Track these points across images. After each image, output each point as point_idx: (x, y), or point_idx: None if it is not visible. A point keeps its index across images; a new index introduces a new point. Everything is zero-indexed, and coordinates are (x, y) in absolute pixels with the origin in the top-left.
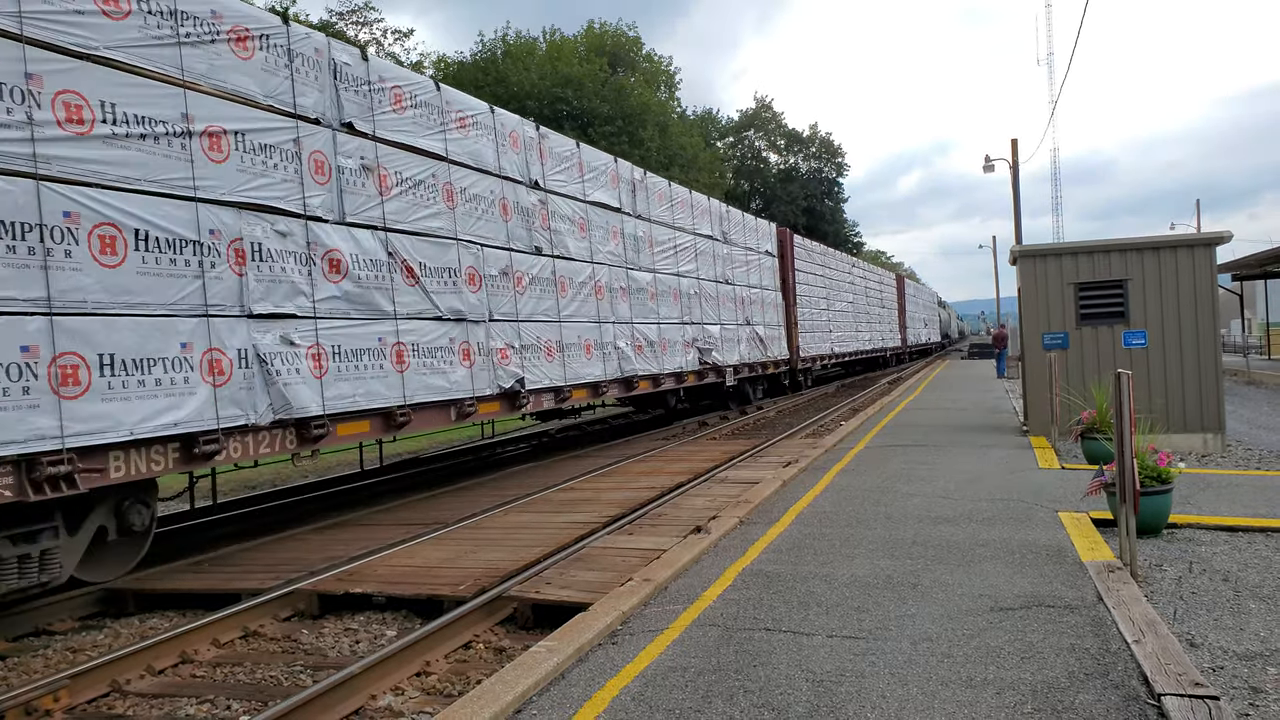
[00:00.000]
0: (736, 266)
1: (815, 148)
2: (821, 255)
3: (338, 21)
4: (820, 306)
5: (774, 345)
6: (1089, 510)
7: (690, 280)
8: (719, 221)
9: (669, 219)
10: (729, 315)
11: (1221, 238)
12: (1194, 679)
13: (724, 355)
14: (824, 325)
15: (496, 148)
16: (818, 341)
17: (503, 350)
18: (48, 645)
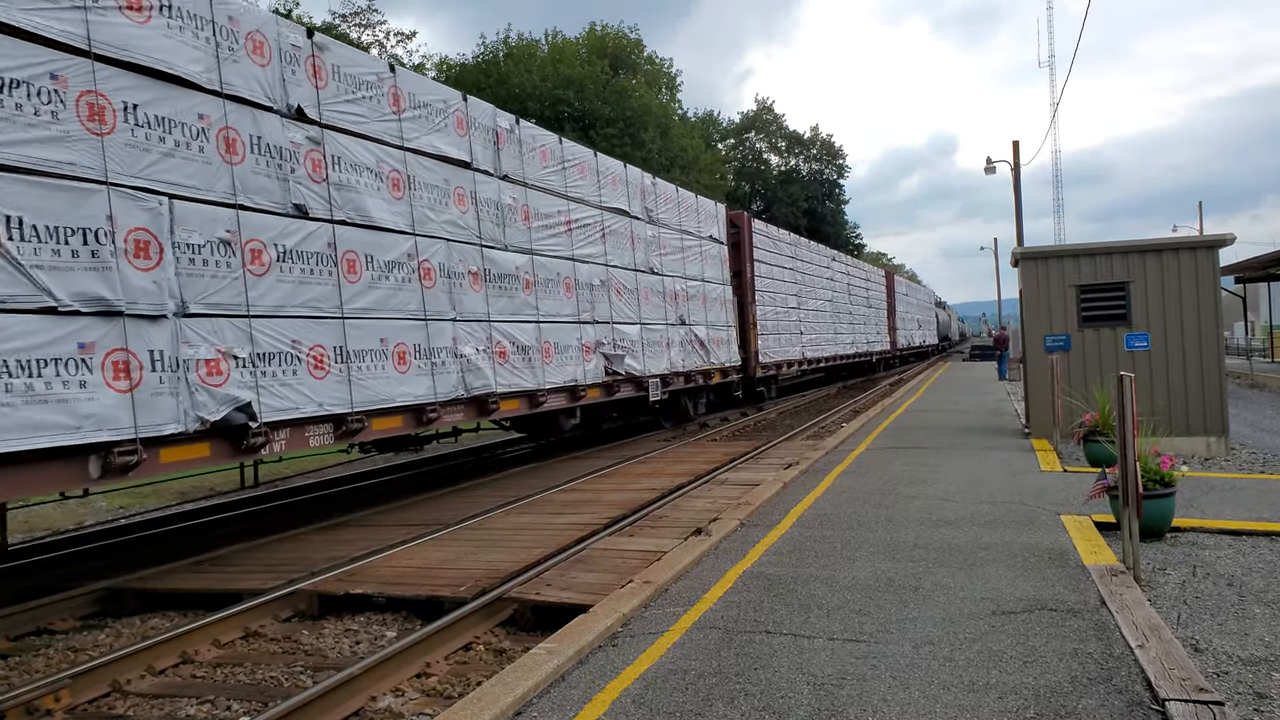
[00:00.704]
0: (668, 254)
1: (816, 149)
2: (791, 246)
3: (340, 24)
4: (788, 304)
5: (720, 350)
6: (1091, 513)
7: (594, 267)
8: (641, 196)
9: (559, 185)
10: (654, 313)
11: (1224, 240)
12: (1198, 684)
13: (645, 363)
14: (792, 326)
15: (215, 51)
16: (784, 345)
17: (212, 362)
18: (49, 644)
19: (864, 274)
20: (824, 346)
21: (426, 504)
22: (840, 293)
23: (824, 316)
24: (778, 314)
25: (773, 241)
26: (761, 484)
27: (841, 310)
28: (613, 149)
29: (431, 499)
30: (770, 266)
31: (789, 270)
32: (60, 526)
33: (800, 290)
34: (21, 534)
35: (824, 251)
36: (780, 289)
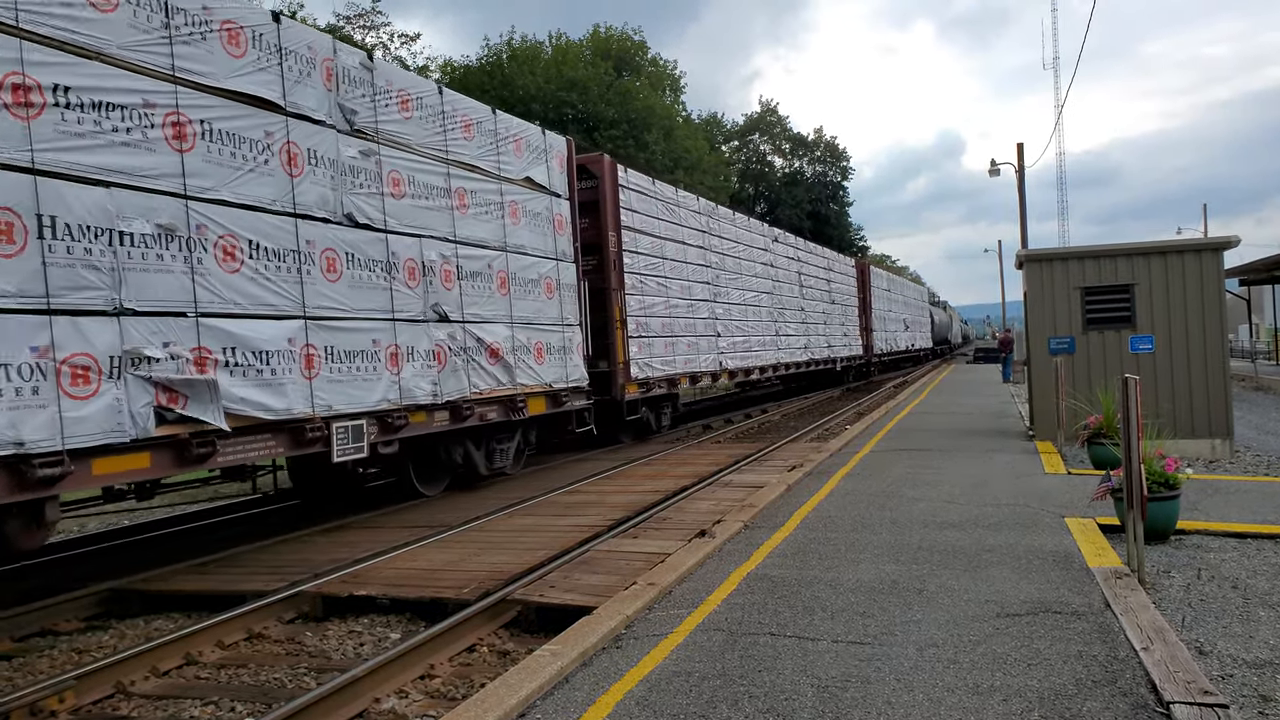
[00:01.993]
0: (411, 198)
1: (820, 151)
2: (698, 215)
3: (345, 25)
4: (692, 295)
5: (546, 363)
6: (1096, 516)
7: (151, 198)
8: (332, 80)
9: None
10: (353, 298)
11: (1229, 242)
12: (1203, 687)
13: (307, 395)
14: (701, 326)
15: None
16: (684, 353)
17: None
18: (53, 646)
19: (823, 262)
20: (759, 353)
21: (430, 506)
22: (788, 283)
23: (758, 314)
24: (671, 308)
25: (661, 205)
26: (766, 486)
27: (789, 306)
28: (617, 150)
29: (435, 501)
30: (656, 240)
31: (694, 248)
32: (65, 528)
33: (717, 277)
34: None
35: (758, 228)
36: (676, 273)
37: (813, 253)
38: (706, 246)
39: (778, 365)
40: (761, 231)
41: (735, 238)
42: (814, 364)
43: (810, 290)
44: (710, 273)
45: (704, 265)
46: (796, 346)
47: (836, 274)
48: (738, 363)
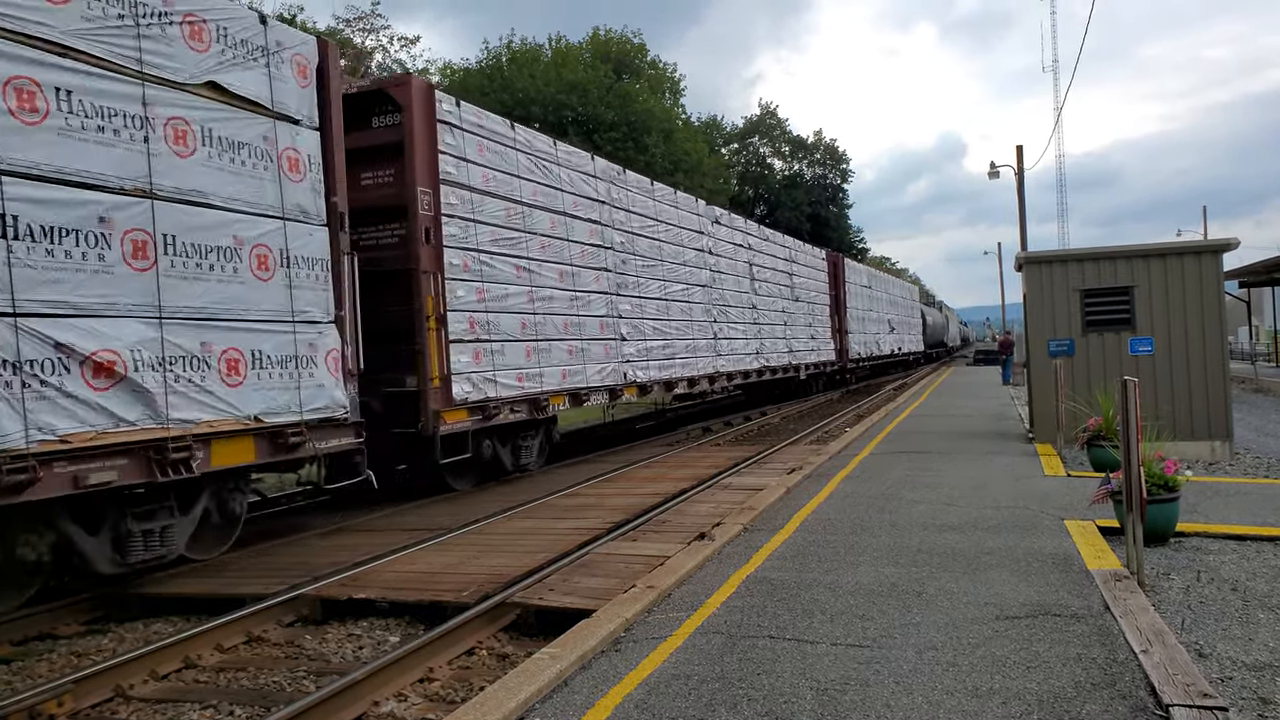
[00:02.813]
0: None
1: (820, 154)
2: (593, 178)
3: (344, 28)
4: (585, 285)
5: (252, 381)
6: (1095, 518)
7: None
8: None
9: None
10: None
11: (1228, 244)
12: (1202, 690)
13: None
14: (597, 326)
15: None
16: (567, 361)
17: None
18: (52, 649)
19: (783, 252)
20: (690, 361)
21: (428, 509)
22: (733, 275)
23: (688, 312)
24: (539, 302)
25: (528, 160)
26: (765, 489)
27: (735, 304)
28: (616, 153)
29: (433, 504)
30: (514, 206)
31: (584, 223)
32: None
33: (623, 263)
34: None
35: (689, 205)
36: (552, 254)
37: (769, 240)
38: (606, 222)
39: (716, 375)
40: (695, 209)
41: (654, 214)
42: (769, 372)
43: (765, 285)
44: (611, 256)
45: (600, 246)
46: (745, 353)
47: (802, 266)
48: (653, 373)
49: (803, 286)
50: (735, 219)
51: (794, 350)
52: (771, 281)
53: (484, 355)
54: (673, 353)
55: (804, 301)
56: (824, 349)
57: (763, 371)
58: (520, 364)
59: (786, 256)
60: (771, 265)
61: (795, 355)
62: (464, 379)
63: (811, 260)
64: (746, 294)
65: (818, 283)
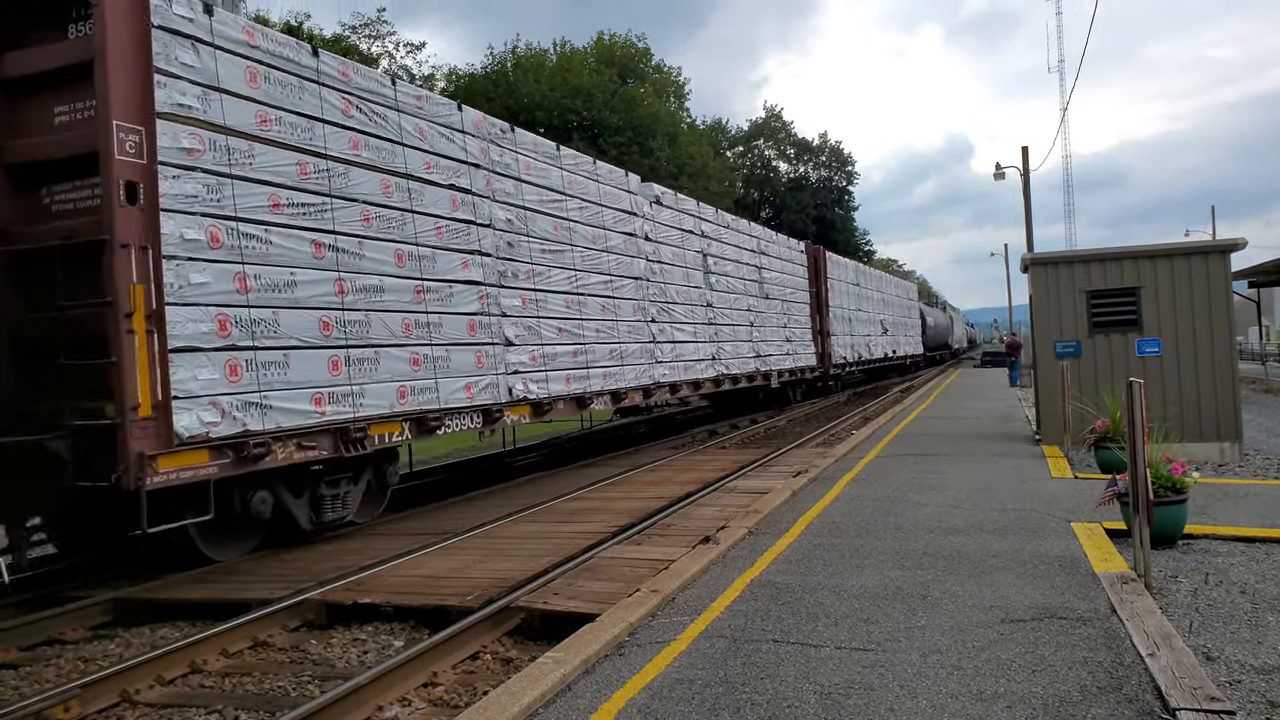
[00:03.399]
0: None
1: (825, 156)
2: (457, 133)
3: (350, 35)
4: (446, 271)
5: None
6: (1102, 520)
7: None
8: None
9: None
10: None
11: (1235, 244)
12: (1209, 693)
13: None
14: (466, 327)
15: None
16: (411, 374)
17: None
18: (60, 654)
19: (749, 242)
20: (615, 371)
21: (435, 513)
22: (679, 267)
23: (615, 309)
24: (357, 293)
25: (341, 100)
26: (770, 492)
27: (682, 300)
28: (621, 157)
29: (440, 508)
30: (308, 160)
31: (440, 188)
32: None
33: (509, 246)
34: None
35: (616, 179)
36: (383, 229)
37: (731, 228)
38: (481, 192)
39: (654, 386)
40: (623, 184)
41: (563, 187)
42: (729, 381)
43: (726, 280)
44: (491, 237)
45: (471, 223)
46: (697, 359)
47: (774, 260)
48: (555, 387)
49: (775, 282)
50: (684, 200)
51: (764, 355)
52: (734, 276)
53: (245, 370)
54: (588, 360)
55: (777, 299)
56: (802, 353)
57: (721, 380)
58: (320, 380)
59: (755, 248)
60: (734, 257)
61: (766, 361)
62: (201, 405)
63: (787, 253)
64: (699, 289)
65: (794, 278)
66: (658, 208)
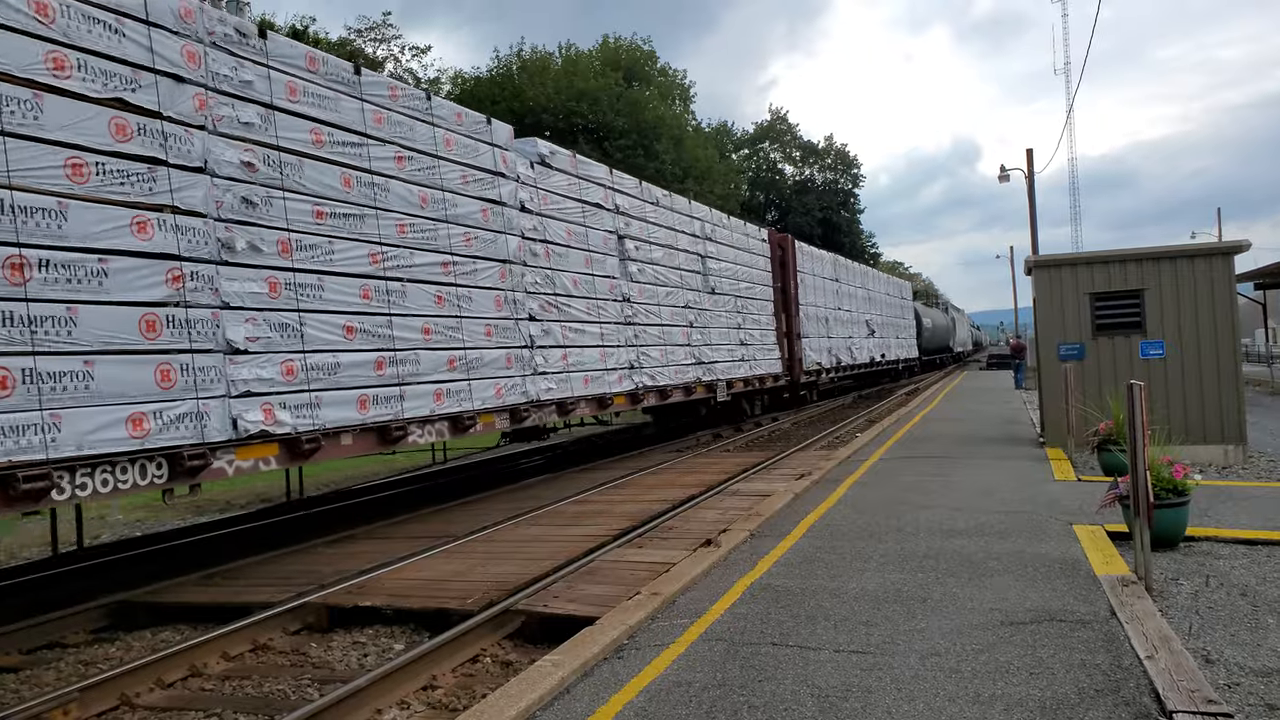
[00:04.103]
0: None
1: (831, 159)
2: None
3: (356, 38)
4: (150, 243)
5: None
6: (1104, 523)
7: None
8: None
9: None
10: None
11: (1239, 246)
12: (1207, 696)
13: None
14: (107, 318)
15: None
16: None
17: None
18: (60, 658)
19: (688, 222)
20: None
21: (437, 516)
22: (580, 250)
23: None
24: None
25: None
26: (773, 495)
27: (568, 291)
28: (627, 160)
29: (442, 511)
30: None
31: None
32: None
33: (249, 203)
34: (36, 548)
35: (461, 122)
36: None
37: (659, 205)
38: (186, 117)
39: (530, 406)
40: (488, 135)
41: (360, 124)
42: (655, 394)
43: (653, 270)
44: (198, 188)
45: (158, 161)
46: (602, 368)
47: (723, 247)
48: (332, 414)
49: (727, 274)
50: (589, 165)
51: (708, 362)
52: (666, 265)
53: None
54: (405, 374)
55: (729, 295)
56: (763, 359)
57: (642, 394)
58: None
59: (697, 232)
60: (666, 242)
61: (711, 369)
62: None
63: (743, 240)
64: (612, 280)
65: (753, 270)
66: (544, 170)
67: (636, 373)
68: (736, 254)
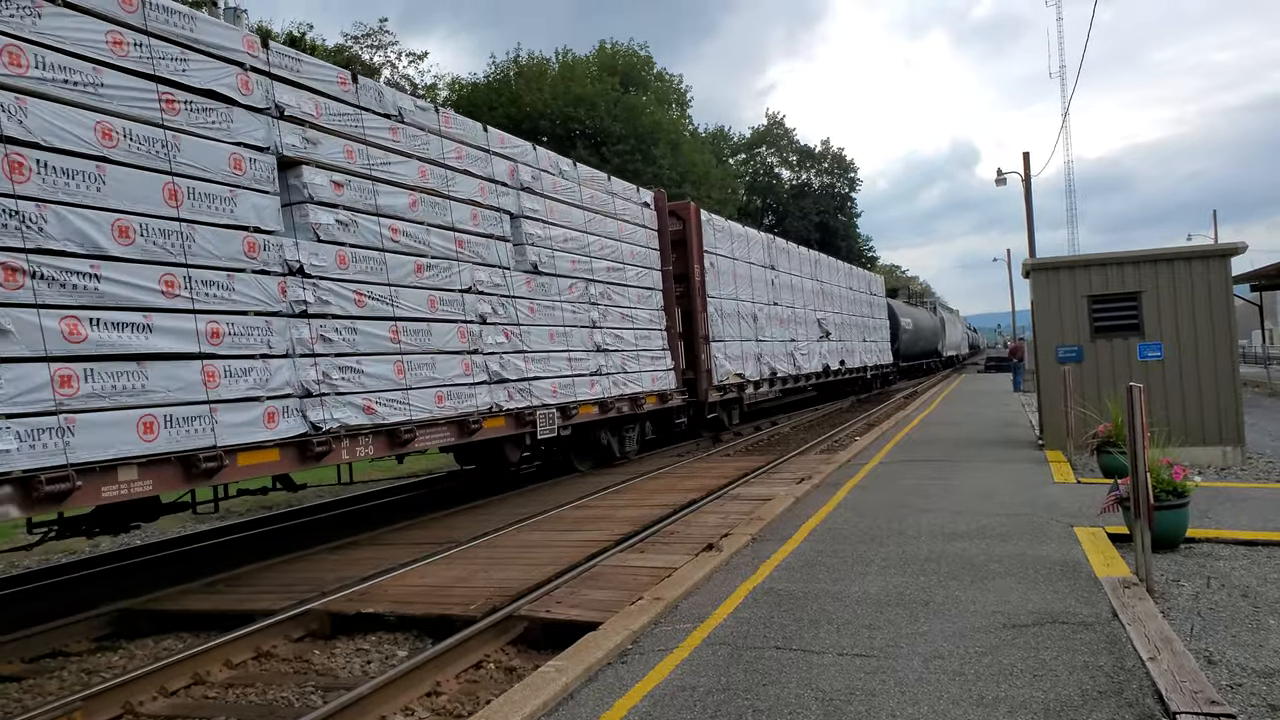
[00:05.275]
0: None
1: (827, 163)
2: None
3: (352, 45)
4: None
5: None
6: (1105, 525)
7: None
8: None
9: None
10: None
11: (1235, 249)
12: (1210, 697)
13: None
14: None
15: None
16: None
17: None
18: (63, 667)
19: (477, 158)
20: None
21: (438, 522)
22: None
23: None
24: None
25: None
26: (774, 499)
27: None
28: (624, 165)
29: (443, 517)
30: None
31: None
32: (77, 549)
33: None
34: (38, 556)
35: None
36: None
37: (398, 119)
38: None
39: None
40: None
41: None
42: (367, 442)
43: (375, 233)
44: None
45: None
46: (245, 408)
47: (559, 205)
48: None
49: (569, 248)
50: (207, 24)
51: (517, 379)
52: (414, 223)
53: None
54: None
55: (573, 279)
56: (641, 371)
57: (324, 444)
58: None
59: (501, 177)
60: (411, 181)
61: (529, 392)
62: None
63: (603, 199)
64: (266, 249)
65: (626, 245)
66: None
67: (318, 407)
68: (588, 219)
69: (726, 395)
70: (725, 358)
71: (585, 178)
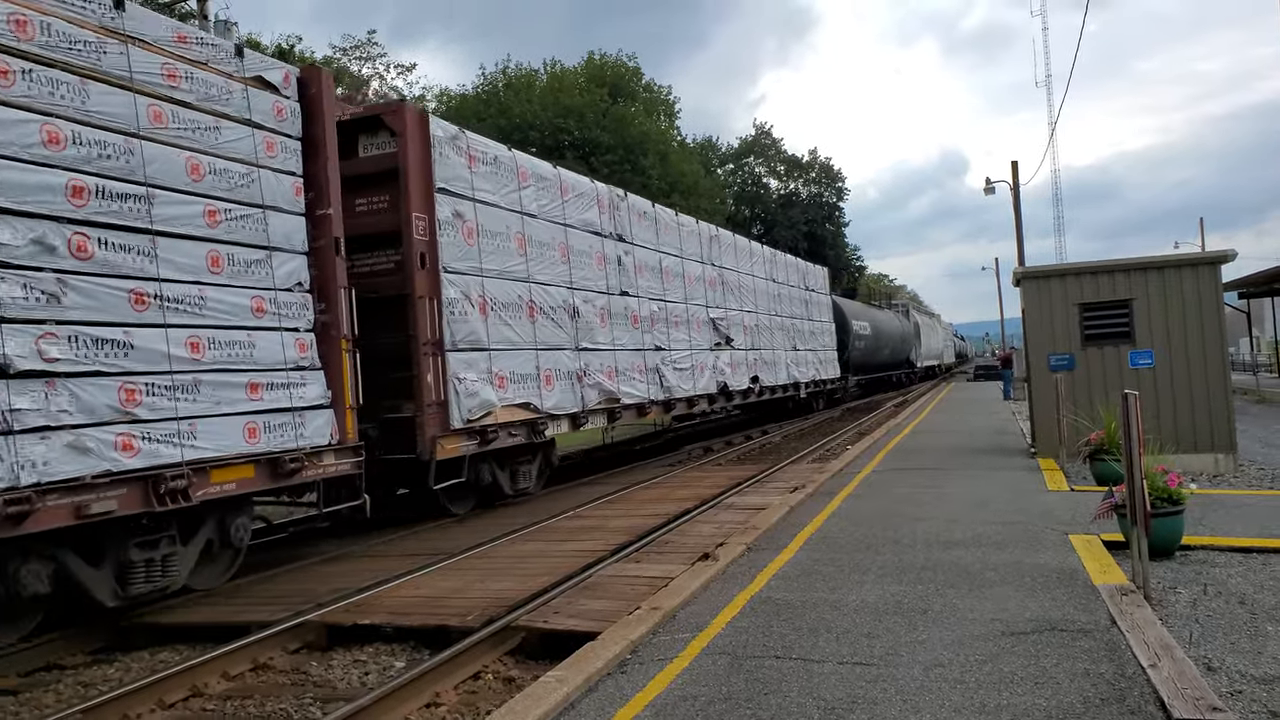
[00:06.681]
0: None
1: (815, 173)
2: None
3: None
4: None
5: None
6: (1100, 532)
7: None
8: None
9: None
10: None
11: (1225, 256)
12: (1211, 703)
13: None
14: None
15: None
16: None
17: None
18: (59, 680)
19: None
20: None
21: (432, 534)
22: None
23: None
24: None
25: None
26: (768, 508)
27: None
28: (613, 175)
29: (437, 528)
30: None
31: None
32: None
33: None
34: None
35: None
36: None
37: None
38: None
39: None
40: None
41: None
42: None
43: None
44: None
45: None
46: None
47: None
48: None
49: (113, 191)
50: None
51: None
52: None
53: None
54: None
55: (138, 255)
56: (214, 429)
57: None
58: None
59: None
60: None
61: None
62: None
63: (162, 83)
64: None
65: (236, 183)
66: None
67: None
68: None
69: (478, 446)
70: (484, 377)
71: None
